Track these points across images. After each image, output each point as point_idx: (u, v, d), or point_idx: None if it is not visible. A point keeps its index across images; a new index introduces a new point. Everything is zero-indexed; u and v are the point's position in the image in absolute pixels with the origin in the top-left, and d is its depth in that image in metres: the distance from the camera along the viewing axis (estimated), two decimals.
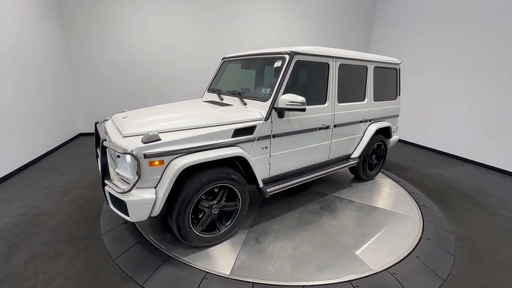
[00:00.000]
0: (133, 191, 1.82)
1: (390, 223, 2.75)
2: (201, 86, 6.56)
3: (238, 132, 2.19)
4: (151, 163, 1.82)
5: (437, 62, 5.42)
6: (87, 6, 5.53)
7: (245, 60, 3.07)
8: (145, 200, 1.81)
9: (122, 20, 5.77)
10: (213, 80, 3.48)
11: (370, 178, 3.86)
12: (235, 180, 2.21)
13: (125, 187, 1.80)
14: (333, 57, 2.82)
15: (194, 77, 6.50)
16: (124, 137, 1.93)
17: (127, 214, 1.82)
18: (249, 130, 2.26)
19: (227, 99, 2.93)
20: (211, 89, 3.32)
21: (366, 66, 3.25)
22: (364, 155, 3.52)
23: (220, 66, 3.48)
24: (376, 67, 3.40)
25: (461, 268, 2.17)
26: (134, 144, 1.78)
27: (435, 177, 4.24)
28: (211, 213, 2.20)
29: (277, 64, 2.52)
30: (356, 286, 1.90)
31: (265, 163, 2.48)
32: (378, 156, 3.89)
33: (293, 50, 2.44)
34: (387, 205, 3.14)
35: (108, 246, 2.28)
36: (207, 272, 1.99)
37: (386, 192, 3.50)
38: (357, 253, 2.27)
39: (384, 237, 2.51)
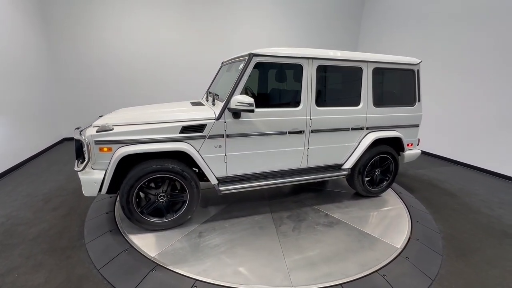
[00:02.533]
0: (89, 171, 2.25)
1: (352, 247, 2.38)
2: (190, 88, 6.49)
3: (186, 129, 2.36)
4: (101, 149, 2.21)
5: (425, 62, 5.57)
6: (71, 5, 5.39)
7: (228, 63, 3.21)
8: (93, 179, 2.21)
9: (109, 20, 5.66)
10: (211, 83, 3.57)
11: (372, 195, 3.38)
12: (179, 173, 2.36)
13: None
14: (307, 58, 2.65)
15: (183, 79, 6.43)
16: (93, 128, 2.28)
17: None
18: (199, 128, 2.40)
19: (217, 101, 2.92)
20: (208, 91, 3.42)
21: (360, 68, 2.93)
22: (359, 167, 3.14)
23: (219, 70, 3.58)
24: (377, 69, 3.01)
25: (449, 268, 2.20)
26: (90, 133, 2.16)
27: (422, 177, 4.33)
28: (157, 200, 2.44)
29: (240, 66, 2.59)
30: None
31: (221, 161, 2.55)
32: (384, 171, 3.37)
33: (251, 52, 2.47)
34: (368, 225, 2.74)
35: (93, 255, 2.19)
36: (131, 246, 2.26)
37: (378, 213, 3.01)
38: (287, 267, 2.10)
39: (329, 258, 2.23)
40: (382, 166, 3.33)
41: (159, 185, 2.44)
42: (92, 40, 5.65)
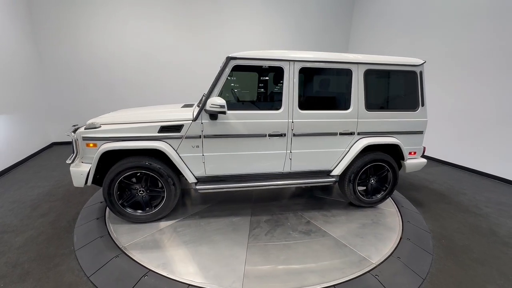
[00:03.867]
0: (78, 164, 2.51)
1: (320, 257, 2.27)
2: (183, 91, 6.46)
3: (164, 129, 2.49)
4: (87, 145, 2.46)
5: None
6: (60, 6, 5.30)
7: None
8: (80, 171, 2.44)
9: (98, 23, 5.60)
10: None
11: (366, 205, 3.16)
12: (155, 170, 2.51)
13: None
14: (288, 60, 2.60)
15: (175, 82, 6.40)
16: None
17: None
18: (176, 128, 2.50)
19: None
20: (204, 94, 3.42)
21: (349, 69, 2.78)
22: (350, 175, 2.96)
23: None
24: (370, 70, 2.82)
25: (439, 266, 2.25)
26: (80, 130, 2.44)
27: (411, 178, 4.41)
28: (137, 194, 2.62)
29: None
30: None
31: (199, 161, 2.63)
32: (381, 181, 3.15)
33: (229, 55, 2.50)
34: (348, 236, 2.58)
35: (82, 262, 2.14)
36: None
37: (365, 224, 2.81)
38: (244, 270, 2.09)
39: (291, 266, 2.15)
40: (377, 175, 3.11)
41: (142, 181, 2.61)
42: (81, 42, 5.57)
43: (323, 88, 2.92)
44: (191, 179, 2.64)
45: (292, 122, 2.69)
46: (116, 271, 2.03)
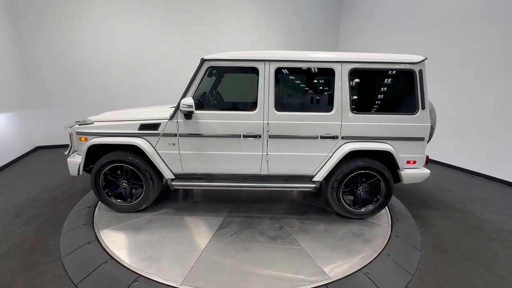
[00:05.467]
0: (74, 155, 2.87)
1: (272, 263, 2.18)
2: (174, 93, 6.38)
3: (144, 127, 2.66)
4: (80, 139, 2.78)
5: None
6: (47, 5, 5.13)
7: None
8: (74, 161, 2.76)
9: (84, 22, 5.47)
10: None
11: (354, 216, 2.87)
12: (134, 164, 2.69)
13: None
14: (263, 60, 2.55)
15: (165, 84, 6.32)
16: None
17: None
18: (154, 126, 2.65)
19: None
20: None
21: (331, 69, 2.59)
22: (332, 182, 2.74)
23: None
24: (356, 70, 2.59)
25: (427, 262, 2.30)
26: (75, 126, 2.80)
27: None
28: (120, 185, 2.86)
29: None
30: None
31: (176, 159, 2.74)
32: (372, 191, 2.87)
33: (203, 57, 2.56)
34: (317, 247, 2.41)
35: (69, 270, 2.07)
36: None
37: (344, 236, 2.59)
38: (193, 266, 2.12)
39: (240, 269, 2.11)
40: (367, 184, 2.83)
41: (124, 174, 2.84)
42: (67, 43, 5.42)
43: (302, 89, 2.81)
44: (167, 175, 2.76)
45: (268, 123, 2.62)
46: (105, 277, 1.98)
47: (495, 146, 4.32)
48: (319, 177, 2.75)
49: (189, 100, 2.45)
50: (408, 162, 2.78)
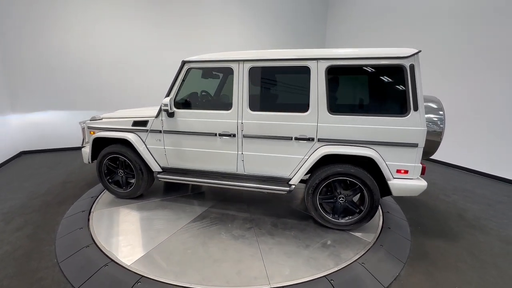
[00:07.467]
0: (86, 146, 3.36)
1: (220, 263, 2.17)
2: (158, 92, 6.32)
3: (136, 123, 3.01)
4: (90, 132, 3.28)
5: None
6: (32, 2, 4.95)
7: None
8: (85, 151, 3.29)
9: (71, 23, 5.31)
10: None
11: (334, 227, 2.65)
12: (127, 156, 3.04)
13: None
14: (237, 60, 2.59)
15: (155, 84, 6.25)
16: None
17: None
18: (143, 123, 2.97)
19: None
20: None
21: (306, 67, 2.45)
22: (309, 187, 2.59)
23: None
24: (334, 67, 2.39)
25: (417, 251, 2.45)
26: (87, 121, 3.38)
27: None
28: (118, 174, 3.24)
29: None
30: (331, 280, 2.01)
31: (161, 153, 3.00)
32: (360, 201, 2.68)
33: (183, 59, 2.73)
34: (276, 253, 2.31)
35: (68, 274, 2.04)
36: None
37: (315, 244, 2.44)
38: (146, 253, 2.26)
39: (188, 262, 2.17)
40: (350, 192, 2.60)
41: (120, 164, 3.19)
42: (53, 44, 5.24)
43: (277, 88, 2.80)
44: (154, 168, 3.05)
45: (242, 123, 2.64)
46: (106, 280, 1.97)
47: (475, 140, 4.61)
48: (295, 180, 2.65)
49: (166, 100, 2.70)
50: (399, 171, 2.41)
